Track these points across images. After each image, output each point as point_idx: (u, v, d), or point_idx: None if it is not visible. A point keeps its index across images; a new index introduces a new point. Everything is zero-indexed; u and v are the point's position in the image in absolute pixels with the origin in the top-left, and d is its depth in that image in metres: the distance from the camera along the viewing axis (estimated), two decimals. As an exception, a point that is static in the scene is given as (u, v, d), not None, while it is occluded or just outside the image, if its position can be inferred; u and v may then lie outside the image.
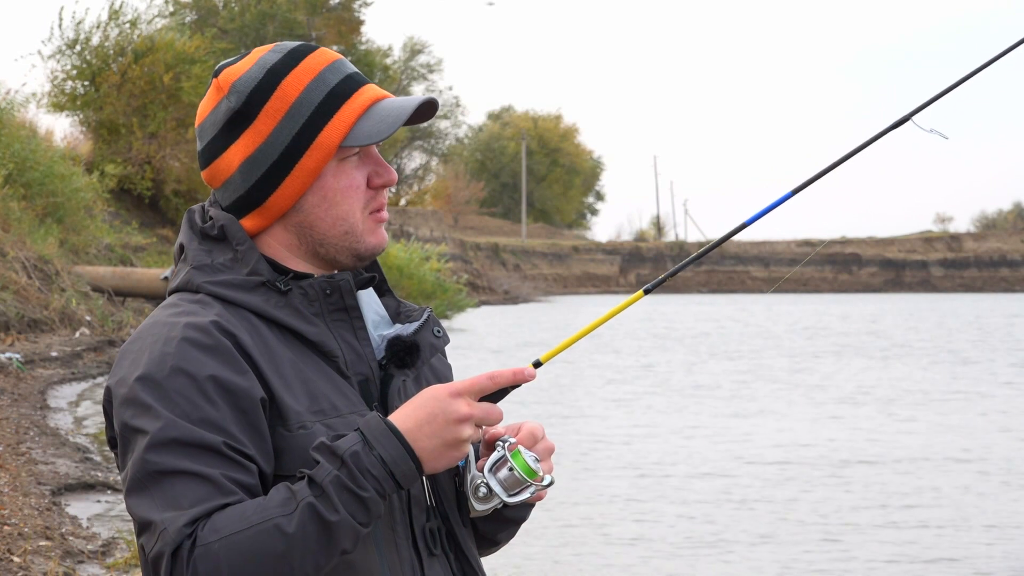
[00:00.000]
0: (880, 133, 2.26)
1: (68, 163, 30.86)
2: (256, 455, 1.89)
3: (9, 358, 18.80)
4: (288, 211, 2.02)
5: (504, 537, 2.20)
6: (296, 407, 1.93)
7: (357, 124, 2.00)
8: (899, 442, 15.68)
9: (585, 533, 10.60)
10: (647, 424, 17.51)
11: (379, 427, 1.87)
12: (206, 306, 1.96)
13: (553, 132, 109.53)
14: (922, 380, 24.19)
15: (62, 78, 40.18)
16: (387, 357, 2.06)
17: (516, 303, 75.13)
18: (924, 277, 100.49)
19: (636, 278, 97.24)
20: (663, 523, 10.97)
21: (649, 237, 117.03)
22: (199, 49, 40.67)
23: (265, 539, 1.80)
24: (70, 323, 25.11)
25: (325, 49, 2.06)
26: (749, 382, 23.64)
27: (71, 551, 8.16)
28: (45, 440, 13.05)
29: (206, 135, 2.04)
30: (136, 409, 1.87)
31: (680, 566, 9.50)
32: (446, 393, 1.90)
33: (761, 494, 12.24)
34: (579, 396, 20.96)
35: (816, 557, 9.79)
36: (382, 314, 2.11)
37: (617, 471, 13.57)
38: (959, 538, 10.44)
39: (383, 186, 2.05)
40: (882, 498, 12.10)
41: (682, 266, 2.14)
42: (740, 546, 10.12)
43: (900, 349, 33.24)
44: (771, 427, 17.21)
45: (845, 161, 2.24)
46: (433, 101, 2.03)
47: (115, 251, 32.55)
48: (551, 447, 2.07)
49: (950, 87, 2.30)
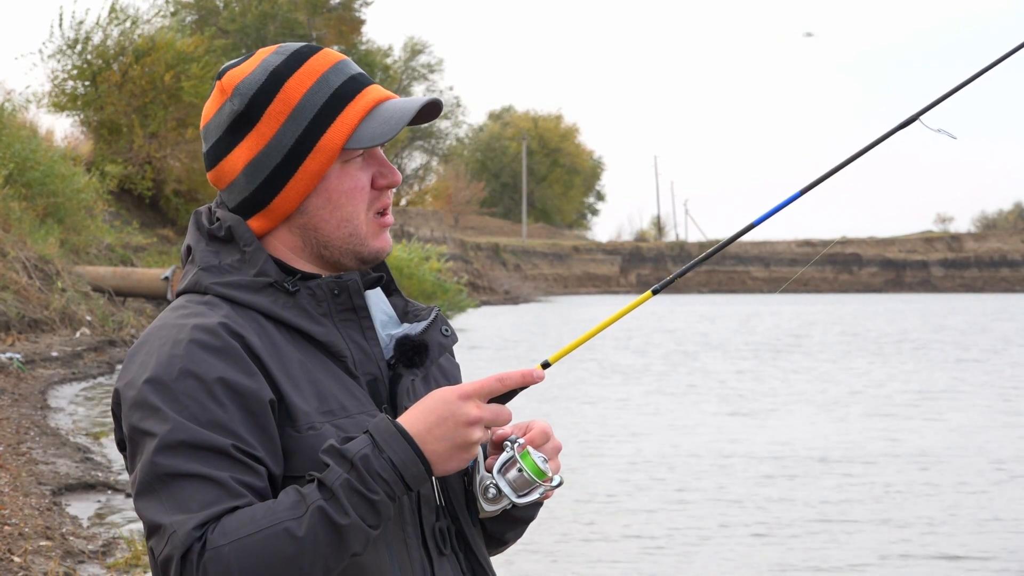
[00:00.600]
0: (888, 132, 2.25)
1: (69, 163, 30.86)
2: (265, 457, 1.88)
3: (10, 358, 18.79)
4: (293, 213, 2.01)
5: (512, 537, 2.20)
6: (305, 408, 1.93)
7: (360, 126, 1.99)
8: (898, 440, 15.66)
9: (582, 530, 10.58)
10: (646, 423, 17.49)
11: (389, 430, 1.87)
12: (214, 307, 1.96)
13: (554, 132, 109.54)
14: (921, 379, 24.18)
15: (63, 78, 40.18)
16: (396, 357, 2.05)
17: (516, 303, 75.16)
18: (925, 277, 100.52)
19: (636, 278, 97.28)
20: (663, 522, 10.96)
21: (650, 237, 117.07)
22: (199, 48, 40.66)
23: (275, 543, 1.79)
24: (70, 323, 25.11)
25: (329, 50, 2.05)
26: (748, 381, 23.63)
27: (71, 551, 8.15)
28: (45, 440, 13.04)
29: (211, 137, 2.03)
30: (145, 412, 1.87)
31: (679, 564, 9.49)
32: (455, 395, 1.89)
33: (760, 493, 12.22)
34: (578, 395, 20.95)
35: (813, 555, 9.78)
36: (390, 314, 2.10)
37: (615, 470, 13.55)
38: (958, 536, 10.43)
39: (387, 187, 2.04)
40: (880, 496, 12.08)
41: (691, 266, 2.13)
42: (738, 544, 10.11)
43: (900, 349, 33.23)
44: (771, 426, 17.20)
45: (855, 160, 2.23)
46: (437, 102, 2.02)
47: (115, 251, 32.54)
48: (559, 446, 2.07)
49: (959, 86, 2.28)
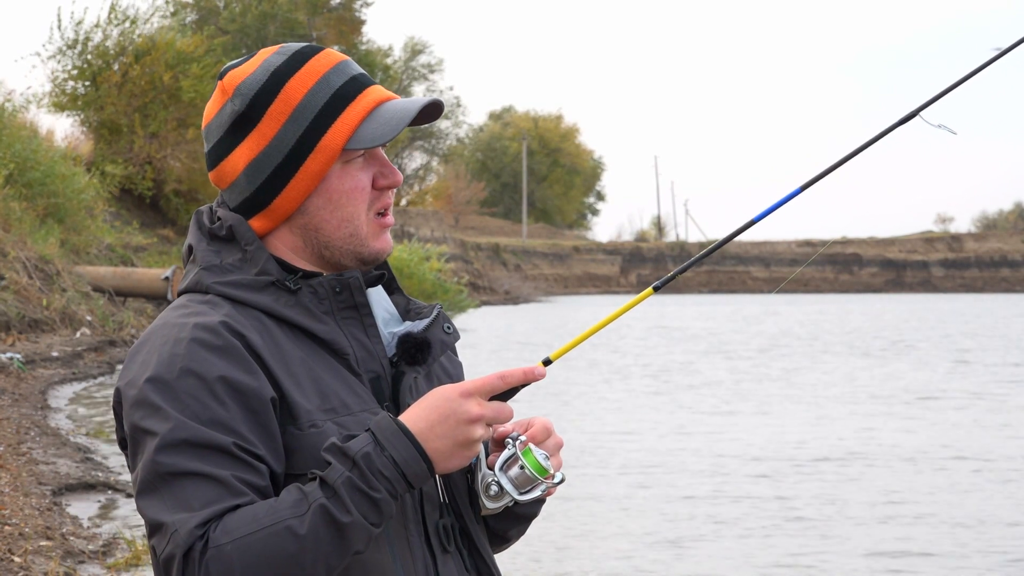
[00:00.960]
0: (889, 128, 2.25)
1: (69, 163, 30.86)
2: (266, 455, 1.88)
3: (10, 358, 18.80)
4: (293, 213, 2.01)
5: (515, 534, 2.20)
6: (307, 406, 1.93)
7: (361, 126, 1.99)
8: (897, 440, 15.66)
9: (582, 529, 10.58)
10: (645, 423, 17.49)
11: (390, 428, 1.86)
12: (215, 307, 1.96)
13: (554, 132, 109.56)
14: (920, 380, 24.17)
15: (63, 78, 40.17)
16: (398, 354, 2.05)
17: (517, 303, 75.17)
18: (925, 277, 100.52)
19: (637, 278, 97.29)
20: (661, 521, 10.96)
21: (650, 237, 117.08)
22: (199, 48, 40.65)
23: (277, 541, 1.79)
24: (71, 323, 25.11)
25: (331, 51, 2.05)
26: (747, 381, 23.63)
27: (72, 551, 8.15)
28: (46, 440, 13.04)
29: (212, 137, 2.04)
30: (146, 410, 1.87)
31: (679, 564, 9.49)
32: (457, 393, 1.89)
33: (757, 491, 12.22)
34: (577, 394, 20.95)
35: (812, 552, 9.78)
36: (392, 311, 2.10)
37: (614, 468, 13.55)
38: (957, 534, 10.43)
39: (388, 187, 2.04)
40: (879, 495, 12.08)
41: (693, 262, 2.13)
42: (735, 542, 10.11)
43: (900, 348, 33.23)
44: (768, 426, 17.20)
45: (854, 156, 2.23)
46: (438, 103, 2.03)
47: (116, 251, 32.54)
48: (560, 442, 2.07)
49: (959, 81, 2.28)
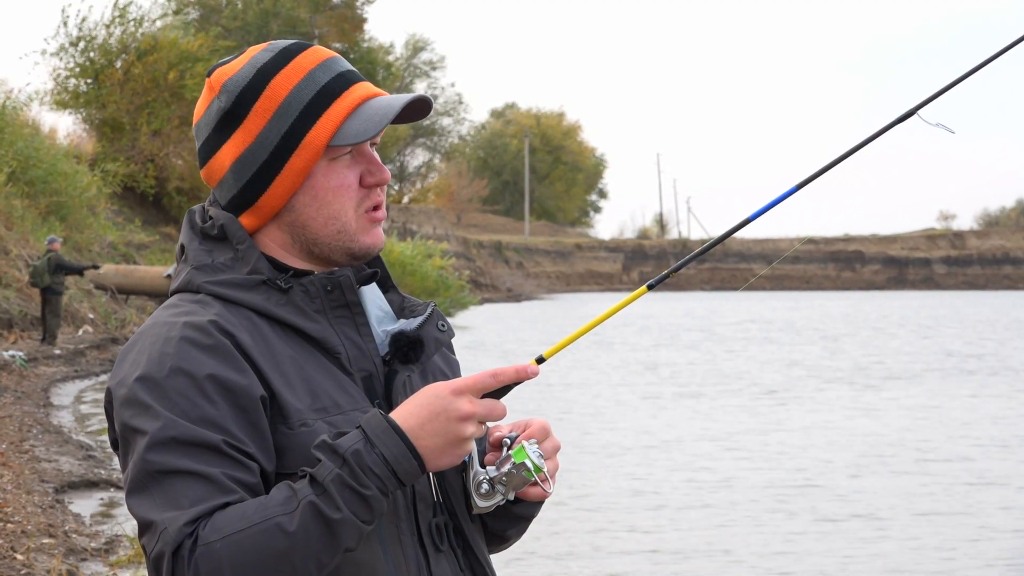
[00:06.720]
0: (887, 126, 2.24)
1: (71, 161, 30.88)
2: (257, 453, 1.88)
3: (12, 356, 18.81)
4: (280, 210, 2.01)
5: (514, 534, 2.19)
6: (297, 405, 1.92)
7: (345, 123, 1.98)
8: (898, 439, 15.67)
9: (579, 526, 10.59)
10: (645, 422, 17.50)
11: (381, 425, 1.86)
12: (206, 306, 1.96)
13: (556, 130, 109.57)
14: (922, 379, 24.18)
15: (65, 76, 40.19)
16: (391, 353, 2.05)
17: (519, 301, 75.20)
18: (927, 275, 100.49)
19: (639, 276, 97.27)
20: (663, 521, 10.96)
21: (652, 235, 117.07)
22: (202, 47, 40.68)
23: (267, 538, 1.79)
24: (73, 321, 25.13)
25: (319, 47, 2.04)
26: (747, 380, 23.64)
27: (74, 548, 8.17)
28: (48, 438, 13.06)
29: (201, 134, 2.04)
30: (136, 409, 1.87)
31: (679, 564, 9.49)
32: (448, 391, 1.88)
33: (755, 489, 12.23)
34: (576, 393, 20.95)
35: (808, 553, 9.78)
36: (386, 310, 2.10)
37: (612, 467, 13.56)
38: (956, 534, 10.43)
39: (375, 185, 2.03)
40: (880, 496, 12.08)
41: (686, 261, 2.12)
42: (736, 542, 10.11)
43: (900, 347, 33.22)
44: (769, 425, 17.20)
45: (852, 155, 2.22)
46: (425, 99, 2.01)
47: (118, 249, 32.56)
48: (557, 445, 2.06)
49: (957, 80, 2.27)
